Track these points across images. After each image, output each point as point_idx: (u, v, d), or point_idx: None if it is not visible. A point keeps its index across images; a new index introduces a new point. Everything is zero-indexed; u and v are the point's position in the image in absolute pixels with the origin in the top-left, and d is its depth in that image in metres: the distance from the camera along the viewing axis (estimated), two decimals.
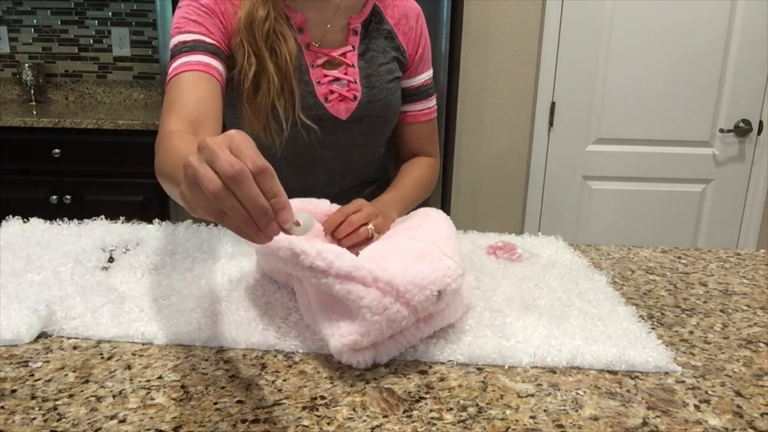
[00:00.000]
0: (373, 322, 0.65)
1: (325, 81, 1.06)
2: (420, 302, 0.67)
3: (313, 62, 1.06)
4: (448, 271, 0.71)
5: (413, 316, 0.68)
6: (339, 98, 1.07)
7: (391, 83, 1.12)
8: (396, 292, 0.66)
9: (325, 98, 1.06)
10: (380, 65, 1.11)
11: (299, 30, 1.05)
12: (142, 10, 2.91)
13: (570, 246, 1.11)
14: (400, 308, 0.66)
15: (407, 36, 1.15)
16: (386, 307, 0.65)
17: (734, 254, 1.13)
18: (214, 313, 0.79)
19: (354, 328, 0.66)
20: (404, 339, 0.71)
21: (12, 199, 2.47)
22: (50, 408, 0.60)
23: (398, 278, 0.67)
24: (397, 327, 0.67)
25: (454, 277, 0.71)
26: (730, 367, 0.72)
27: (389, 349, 0.70)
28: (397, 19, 1.13)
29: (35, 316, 0.74)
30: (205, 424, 0.58)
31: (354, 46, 1.08)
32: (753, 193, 2.74)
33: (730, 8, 2.53)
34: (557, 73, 2.64)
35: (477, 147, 2.74)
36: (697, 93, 2.63)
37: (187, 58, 0.95)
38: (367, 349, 0.68)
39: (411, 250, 0.75)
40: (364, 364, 0.68)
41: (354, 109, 1.08)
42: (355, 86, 1.08)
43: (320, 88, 1.06)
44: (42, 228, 1.08)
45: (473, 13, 2.59)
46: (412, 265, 0.70)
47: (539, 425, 0.59)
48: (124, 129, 2.42)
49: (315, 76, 1.06)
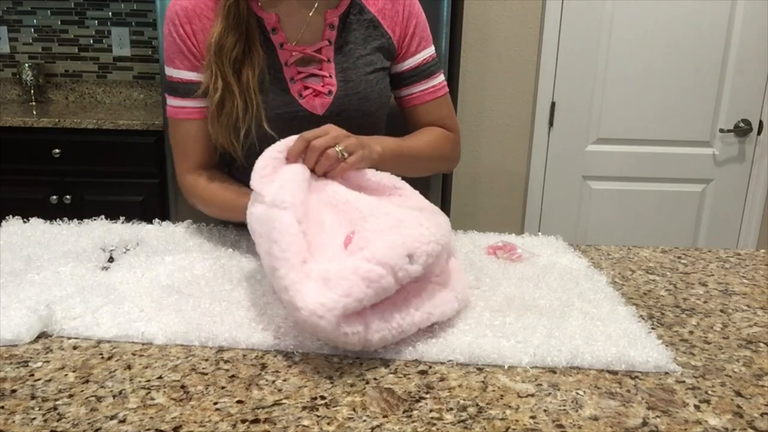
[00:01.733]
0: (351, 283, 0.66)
1: (299, 78, 1.07)
2: (392, 259, 0.69)
3: (287, 60, 1.07)
4: (419, 236, 0.73)
5: (391, 278, 0.69)
6: (313, 93, 1.07)
7: (371, 75, 1.10)
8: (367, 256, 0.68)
9: (299, 94, 1.07)
10: (358, 57, 1.10)
11: (273, 30, 1.06)
12: (142, 10, 2.91)
13: (570, 246, 1.11)
14: (374, 267, 0.68)
15: (393, 20, 1.12)
16: (359, 267, 0.67)
17: (734, 254, 1.13)
18: (214, 313, 0.79)
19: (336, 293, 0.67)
20: (394, 320, 0.71)
21: (12, 199, 2.46)
22: (50, 408, 0.60)
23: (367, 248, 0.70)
24: (379, 288, 0.68)
25: (425, 242, 0.73)
26: (730, 367, 0.72)
27: (379, 327, 0.70)
28: (381, 6, 1.11)
29: (35, 316, 0.74)
30: (205, 424, 0.58)
31: (330, 41, 1.08)
32: (753, 193, 2.74)
33: (730, 8, 2.53)
34: (557, 73, 2.63)
35: (477, 147, 2.74)
36: (697, 93, 2.63)
37: (183, 103, 1.09)
38: (355, 319, 0.68)
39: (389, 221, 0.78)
40: (356, 338, 0.68)
41: (330, 103, 1.08)
42: (330, 80, 1.08)
43: (294, 85, 1.06)
44: (42, 228, 1.08)
45: (473, 13, 2.59)
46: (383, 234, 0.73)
47: (539, 425, 0.59)
48: (124, 129, 2.42)
49: (288, 73, 1.07)
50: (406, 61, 1.15)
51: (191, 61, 1.06)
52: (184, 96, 1.08)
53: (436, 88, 1.18)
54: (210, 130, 1.06)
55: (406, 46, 1.14)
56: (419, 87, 1.16)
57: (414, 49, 1.15)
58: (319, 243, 0.77)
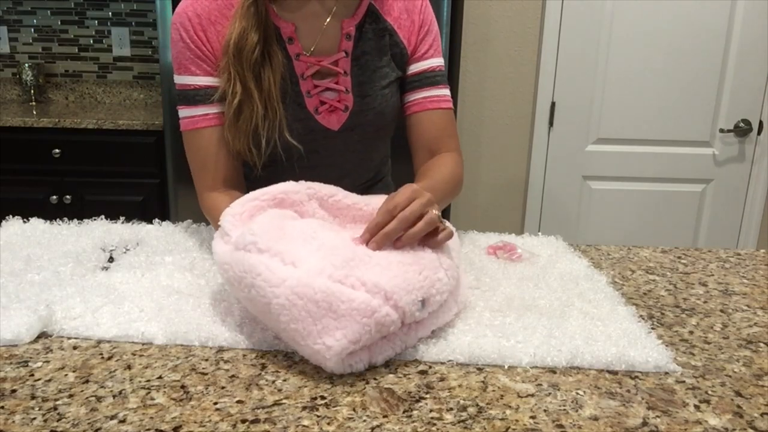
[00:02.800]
0: (362, 324, 0.64)
1: (315, 92, 1.04)
2: (407, 305, 0.67)
3: (303, 73, 1.03)
4: (437, 283, 0.72)
5: (400, 321, 0.68)
6: (330, 109, 1.05)
7: (385, 89, 1.08)
8: (384, 293, 0.66)
9: (316, 110, 1.04)
10: (374, 70, 1.07)
11: (289, 40, 1.03)
12: (142, 10, 2.91)
13: (570, 246, 1.11)
14: (389, 311, 0.66)
15: (409, 30, 1.10)
16: (375, 310, 0.65)
17: (734, 254, 1.13)
18: (214, 313, 0.79)
19: (342, 334, 0.64)
20: (398, 339, 0.71)
21: (12, 199, 2.47)
22: (50, 408, 0.60)
23: (384, 281, 0.67)
24: (386, 331, 0.67)
25: (442, 291, 0.72)
26: (730, 367, 0.72)
27: (383, 349, 0.70)
28: (398, 15, 1.09)
29: (35, 316, 0.74)
30: (205, 424, 0.58)
31: (347, 52, 1.05)
32: (753, 193, 2.74)
33: (730, 8, 2.53)
34: (557, 73, 2.64)
35: (477, 147, 2.74)
36: (697, 93, 2.63)
37: (201, 110, 1.02)
38: (360, 352, 0.68)
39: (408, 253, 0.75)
40: (361, 365, 0.68)
41: (346, 119, 1.06)
42: (347, 96, 1.05)
43: (310, 99, 1.04)
44: (42, 228, 1.08)
45: (473, 13, 2.59)
46: (403, 267, 0.71)
47: (539, 425, 0.59)
48: (124, 129, 2.42)
49: (305, 87, 1.03)
50: (412, 66, 1.12)
51: (208, 65, 1.02)
52: (202, 103, 1.02)
53: (440, 98, 1.12)
54: (227, 134, 1.01)
55: (415, 51, 1.11)
56: (423, 93, 1.11)
57: (422, 54, 1.11)
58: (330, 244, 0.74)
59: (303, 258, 0.69)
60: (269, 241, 0.71)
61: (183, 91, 1.03)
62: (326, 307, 0.65)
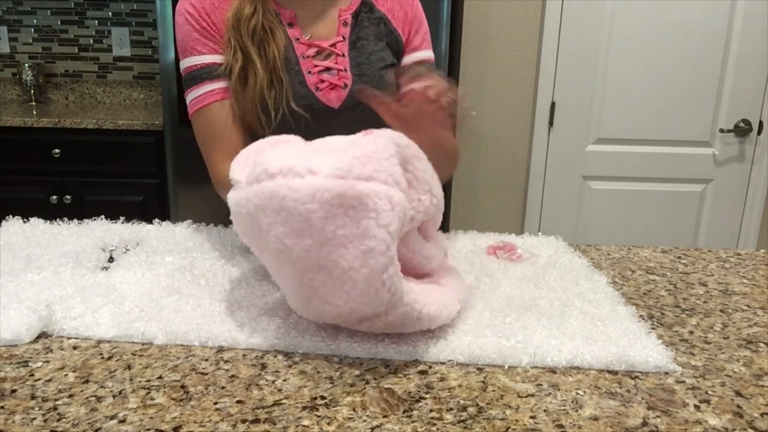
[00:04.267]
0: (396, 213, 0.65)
1: (315, 71, 1.09)
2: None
3: (303, 53, 1.09)
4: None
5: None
6: (330, 87, 1.09)
7: (382, 71, 1.13)
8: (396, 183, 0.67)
9: (316, 87, 1.09)
10: (371, 53, 1.13)
11: (289, 25, 1.09)
12: (142, 10, 2.91)
13: (570, 246, 1.11)
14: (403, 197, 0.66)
15: (402, 21, 1.17)
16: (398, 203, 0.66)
17: (734, 254, 1.13)
18: (214, 313, 0.79)
19: (385, 231, 0.64)
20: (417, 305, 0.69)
21: (12, 199, 2.46)
22: (50, 408, 0.60)
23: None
24: (408, 218, 0.68)
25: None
26: (730, 367, 0.72)
27: (409, 301, 0.68)
28: (390, 6, 1.16)
29: (35, 316, 0.74)
30: (205, 424, 0.58)
31: (344, 37, 1.12)
32: (753, 193, 2.74)
33: (730, 8, 2.54)
34: (557, 73, 2.64)
35: (477, 147, 2.74)
36: (697, 93, 2.63)
37: (209, 86, 1.05)
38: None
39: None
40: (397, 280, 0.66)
41: (345, 96, 1.10)
42: (345, 74, 1.10)
43: (311, 77, 1.09)
44: (42, 228, 1.08)
45: (473, 13, 2.59)
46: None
47: (539, 425, 0.59)
48: (124, 129, 2.43)
49: (305, 66, 1.09)
50: (405, 57, 1.18)
51: (213, 44, 1.06)
52: (208, 80, 1.06)
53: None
54: (234, 105, 1.05)
55: (409, 43, 1.18)
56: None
57: (414, 46, 1.18)
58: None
59: (316, 163, 0.67)
60: (277, 163, 0.68)
61: (189, 73, 1.07)
62: (361, 208, 0.64)
